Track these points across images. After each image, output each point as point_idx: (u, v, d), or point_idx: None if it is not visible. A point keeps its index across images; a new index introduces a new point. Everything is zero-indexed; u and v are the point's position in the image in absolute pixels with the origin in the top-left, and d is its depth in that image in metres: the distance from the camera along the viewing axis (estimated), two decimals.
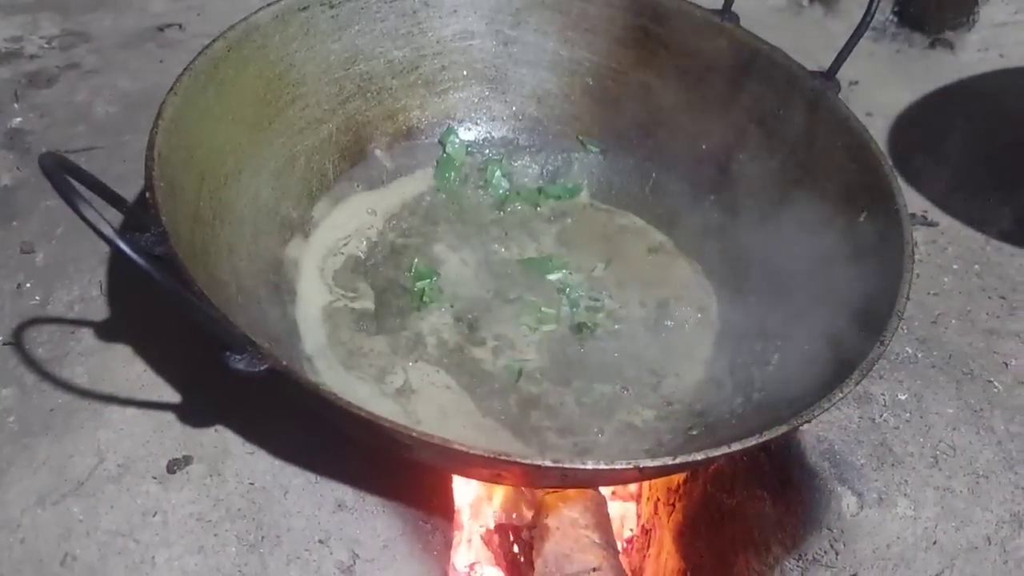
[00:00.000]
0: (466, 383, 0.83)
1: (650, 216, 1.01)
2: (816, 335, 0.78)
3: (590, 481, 0.76)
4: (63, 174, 0.50)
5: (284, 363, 0.57)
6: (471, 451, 0.56)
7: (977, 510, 0.75)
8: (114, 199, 0.65)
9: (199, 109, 0.77)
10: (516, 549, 0.97)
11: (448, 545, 0.77)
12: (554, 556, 0.86)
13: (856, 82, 1.30)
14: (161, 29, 1.28)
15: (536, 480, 0.72)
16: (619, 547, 0.98)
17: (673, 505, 0.93)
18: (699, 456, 0.59)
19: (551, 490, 0.89)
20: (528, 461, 0.57)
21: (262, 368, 0.56)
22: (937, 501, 0.75)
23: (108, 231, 0.49)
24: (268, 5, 0.86)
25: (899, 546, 0.73)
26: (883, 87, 1.30)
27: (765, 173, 0.92)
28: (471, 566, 0.99)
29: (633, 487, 1.05)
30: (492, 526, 1.00)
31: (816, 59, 0.95)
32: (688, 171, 0.98)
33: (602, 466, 0.57)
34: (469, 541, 1.00)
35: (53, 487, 0.70)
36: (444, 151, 1.03)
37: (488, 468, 0.62)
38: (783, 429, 0.60)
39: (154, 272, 0.52)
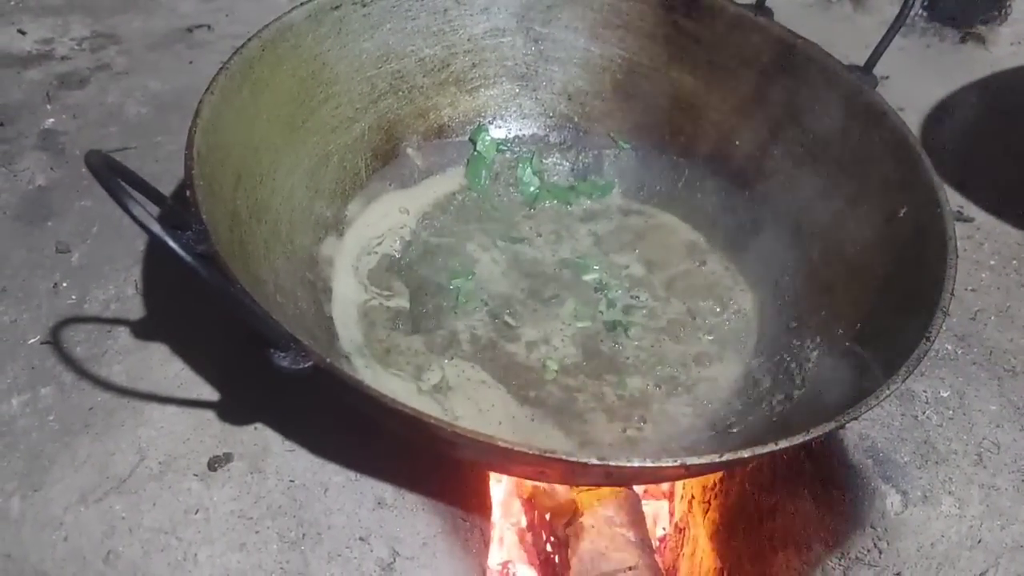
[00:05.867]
0: (501, 377, 0.83)
1: (683, 213, 1.00)
2: (856, 331, 0.77)
3: (634, 479, 0.75)
4: (111, 173, 0.50)
5: (328, 361, 0.57)
6: (515, 448, 0.56)
7: (1022, 508, 0.74)
8: (156, 197, 0.65)
9: (235, 109, 0.77)
10: (549, 548, 0.96)
11: (487, 543, 0.76)
12: (590, 554, 0.86)
13: (887, 77, 1.28)
14: (190, 30, 1.29)
15: (579, 477, 0.71)
16: (653, 545, 0.97)
17: (709, 503, 0.92)
18: (746, 454, 0.58)
19: (586, 488, 0.88)
20: (573, 459, 0.56)
21: (306, 366, 0.56)
22: (982, 499, 0.74)
23: (157, 228, 0.49)
24: (301, 4, 0.86)
25: (944, 544, 0.72)
26: (915, 82, 1.28)
27: (800, 169, 0.91)
28: (504, 564, 0.99)
29: (666, 485, 1.05)
30: (525, 524, 1.00)
31: (846, 54, 0.94)
32: (721, 168, 0.98)
33: (648, 464, 0.56)
34: (501, 539, 0.99)
35: (95, 485, 0.70)
36: (475, 149, 1.03)
37: (532, 465, 0.61)
38: (831, 426, 0.59)
39: (201, 270, 0.52)
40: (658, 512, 1.06)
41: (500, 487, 0.97)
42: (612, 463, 0.57)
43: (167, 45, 1.26)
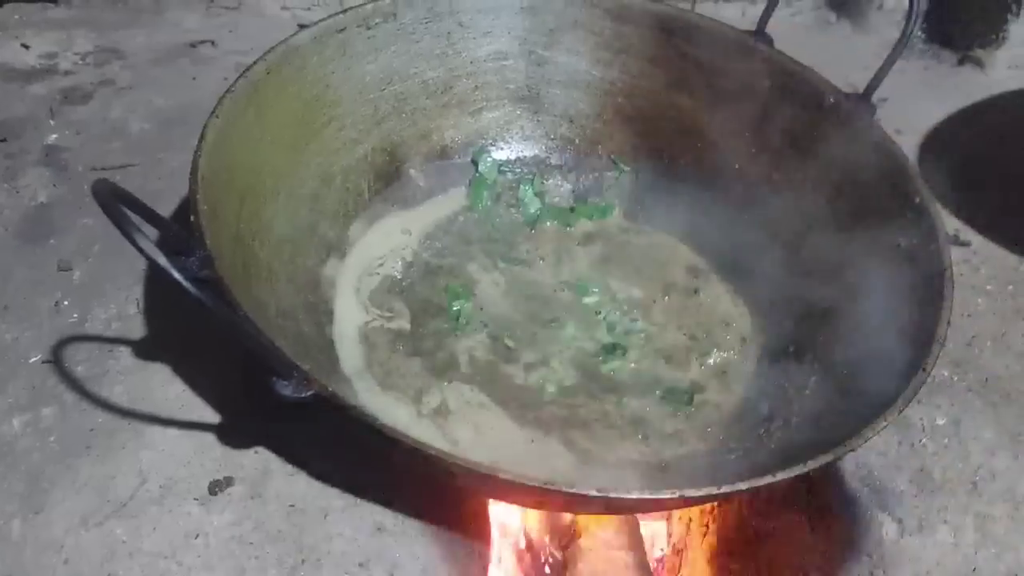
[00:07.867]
0: (500, 400, 0.83)
1: (683, 236, 1.01)
2: (853, 359, 0.78)
3: (634, 508, 0.76)
4: (117, 204, 0.51)
5: (330, 389, 0.58)
6: (516, 479, 0.56)
7: (1017, 537, 0.74)
8: (160, 223, 0.65)
9: (239, 131, 0.77)
10: (548, 570, 0.96)
11: (485, 569, 0.77)
12: None
13: (885, 99, 1.29)
14: (193, 46, 1.29)
15: (579, 507, 0.72)
16: (651, 567, 0.97)
17: (707, 526, 0.93)
18: (743, 486, 0.58)
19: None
20: (573, 490, 0.57)
21: (308, 394, 0.57)
22: (977, 528, 0.74)
23: (163, 261, 0.50)
24: (306, 27, 0.87)
25: (939, 573, 0.72)
26: (912, 104, 1.29)
27: (800, 194, 0.92)
28: None
29: None
30: (524, 546, 1.00)
31: (845, 75, 0.95)
32: (721, 191, 0.98)
33: (647, 495, 0.57)
34: (500, 560, 0.99)
35: (96, 508, 0.70)
36: (477, 170, 1.03)
37: (532, 495, 0.62)
38: (828, 458, 0.59)
39: (205, 299, 0.53)
40: (656, 533, 1.06)
41: (499, 507, 0.97)
42: (612, 494, 0.57)
43: (170, 60, 1.26)
